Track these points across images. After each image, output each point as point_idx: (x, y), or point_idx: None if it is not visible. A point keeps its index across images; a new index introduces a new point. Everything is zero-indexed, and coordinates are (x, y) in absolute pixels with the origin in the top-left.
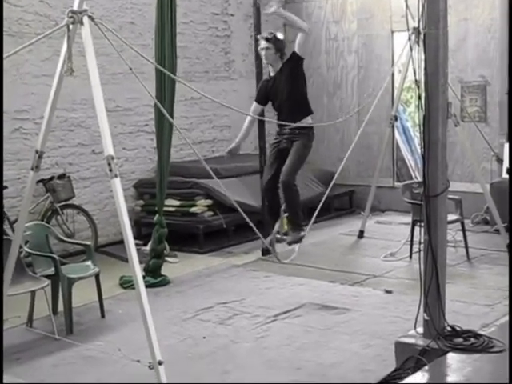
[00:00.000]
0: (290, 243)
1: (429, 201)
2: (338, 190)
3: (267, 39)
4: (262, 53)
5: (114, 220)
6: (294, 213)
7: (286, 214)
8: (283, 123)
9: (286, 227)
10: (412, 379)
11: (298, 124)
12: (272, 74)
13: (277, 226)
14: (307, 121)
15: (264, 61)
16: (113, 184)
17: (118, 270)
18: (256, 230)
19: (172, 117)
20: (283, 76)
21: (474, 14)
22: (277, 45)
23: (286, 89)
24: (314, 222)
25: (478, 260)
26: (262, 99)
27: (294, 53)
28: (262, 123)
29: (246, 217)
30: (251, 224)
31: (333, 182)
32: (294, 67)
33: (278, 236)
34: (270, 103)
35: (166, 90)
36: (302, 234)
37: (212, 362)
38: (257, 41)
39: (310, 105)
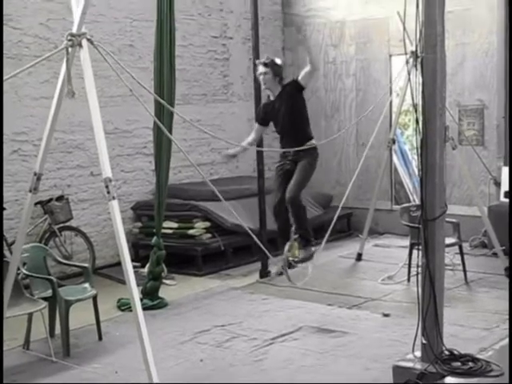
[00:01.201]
0: (302, 261)
1: (427, 224)
2: (336, 213)
3: (265, 64)
4: (260, 78)
5: (111, 242)
6: (304, 228)
7: (296, 237)
8: (286, 150)
9: (296, 251)
10: None
11: (301, 148)
12: (272, 99)
13: (286, 248)
14: (310, 143)
15: (262, 86)
16: (110, 206)
17: (116, 292)
18: (265, 250)
19: (170, 139)
20: (283, 101)
21: (472, 39)
22: (274, 69)
23: (287, 115)
24: (313, 245)
25: (475, 283)
26: (262, 121)
27: (294, 81)
28: (260, 147)
29: (255, 237)
30: (260, 244)
31: (341, 205)
32: (293, 94)
33: (290, 259)
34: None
35: (164, 113)
36: (313, 249)
37: None
38: (255, 65)
39: (311, 129)
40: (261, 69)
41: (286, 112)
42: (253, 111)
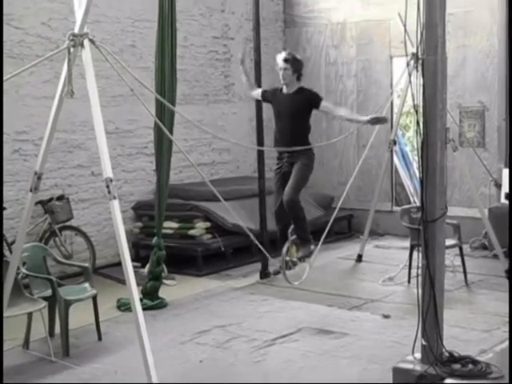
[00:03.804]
0: (300, 258)
1: (427, 226)
2: (337, 214)
3: (286, 60)
4: (280, 73)
5: (112, 242)
6: (302, 229)
7: (293, 237)
8: (283, 149)
9: (294, 252)
10: None
11: (297, 148)
12: (285, 92)
13: (284, 248)
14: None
15: (282, 81)
16: (111, 206)
17: (116, 292)
18: (264, 251)
19: (171, 139)
20: (294, 103)
21: (473, 41)
22: (295, 65)
23: (291, 118)
24: (312, 244)
25: (476, 285)
26: (264, 97)
27: (317, 97)
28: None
29: (253, 238)
30: (259, 245)
31: (338, 208)
32: (307, 104)
33: (287, 258)
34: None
35: (165, 113)
36: (312, 247)
37: None
38: (257, 64)
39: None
40: (281, 64)
41: (293, 114)
42: (254, 112)
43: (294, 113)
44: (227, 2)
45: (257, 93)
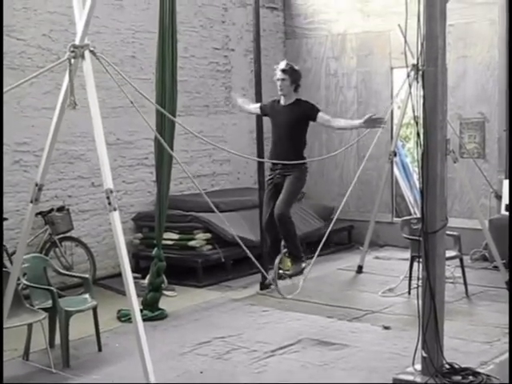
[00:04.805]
0: (291, 276)
1: (427, 237)
2: (337, 225)
3: (283, 70)
4: (278, 83)
5: (112, 253)
6: (293, 245)
7: (285, 250)
8: (276, 161)
9: (288, 264)
10: None
11: (291, 162)
12: (282, 103)
13: (277, 260)
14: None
15: (279, 92)
16: (111, 217)
17: (116, 303)
18: (258, 265)
19: (172, 150)
20: (291, 114)
21: (473, 52)
22: (293, 76)
23: (288, 129)
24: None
25: (476, 297)
26: (263, 111)
27: (314, 109)
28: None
29: (247, 251)
30: (253, 259)
31: (335, 218)
32: (304, 116)
33: (281, 271)
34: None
35: (165, 124)
36: (303, 265)
37: None
38: (257, 75)
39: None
40: (279, 75)
41: (289, 126)
42: (254, 123)
43: (291, 124)
44: (228, 14)
45: (254, 107)
